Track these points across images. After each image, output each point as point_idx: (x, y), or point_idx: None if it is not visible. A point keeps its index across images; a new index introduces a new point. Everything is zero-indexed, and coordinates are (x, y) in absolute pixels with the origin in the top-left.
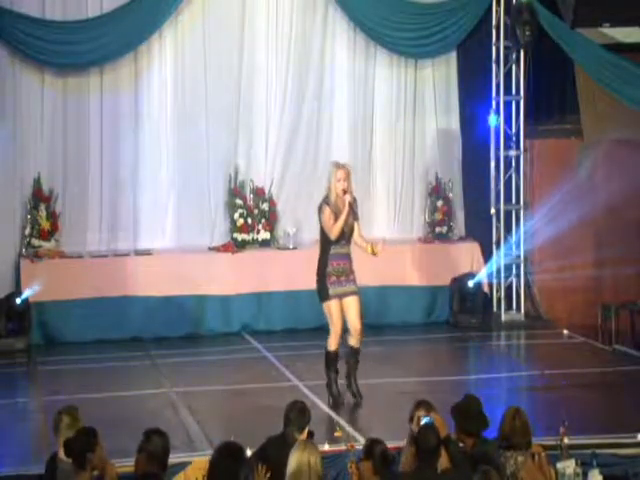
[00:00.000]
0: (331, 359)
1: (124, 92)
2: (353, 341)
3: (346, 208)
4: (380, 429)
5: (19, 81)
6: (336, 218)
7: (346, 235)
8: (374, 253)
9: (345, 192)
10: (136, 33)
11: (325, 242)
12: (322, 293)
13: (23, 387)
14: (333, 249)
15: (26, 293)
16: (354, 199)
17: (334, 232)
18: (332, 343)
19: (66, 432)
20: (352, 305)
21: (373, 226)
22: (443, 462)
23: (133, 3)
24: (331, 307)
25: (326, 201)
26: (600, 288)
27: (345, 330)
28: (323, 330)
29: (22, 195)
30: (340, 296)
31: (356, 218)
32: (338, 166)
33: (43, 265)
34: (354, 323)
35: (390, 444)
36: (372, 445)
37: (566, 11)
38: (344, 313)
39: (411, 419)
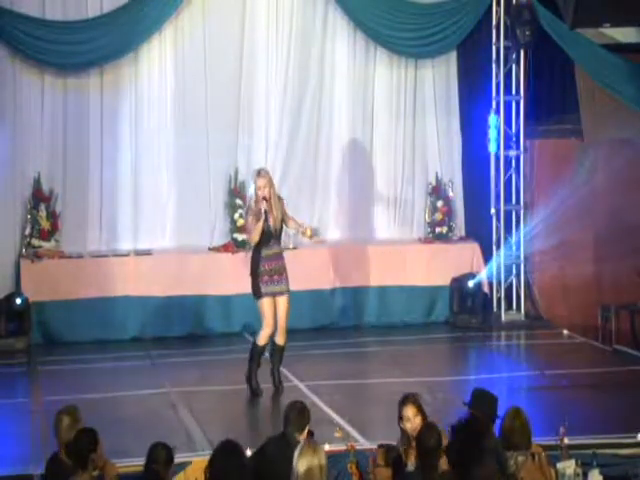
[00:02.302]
0: (257, 353)
1: (124, 92)
2: (278, 338)
3: (262, 217)
4: (380, 429)
5: (19, 81)
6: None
7: (274, 236)
8: (310, 237)
9: (265, 199)
10: (136, 33)
11: (258, 243)
12: (255, 292)
13: (23, 387)
14: (265, 251)
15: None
16: (279, 198)
17: (253, 238)
18: (262, 338)
19: (66, 433)
20: (282, 305)
21: (373, 226)
22: (442, 465)
23: (133, 3)
24: (264, 305)
25: (250, 207)
26: (600, 288)
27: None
28: (323, 330)
29: (22, 195)
30: (273, 294)
31: (284, 220)
32: (259, 174)
33: (43, 265)
34: (281, 321)
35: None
36: (389, 452)
37: (566, 11)
38: (275, 310)
39: (399, 417)
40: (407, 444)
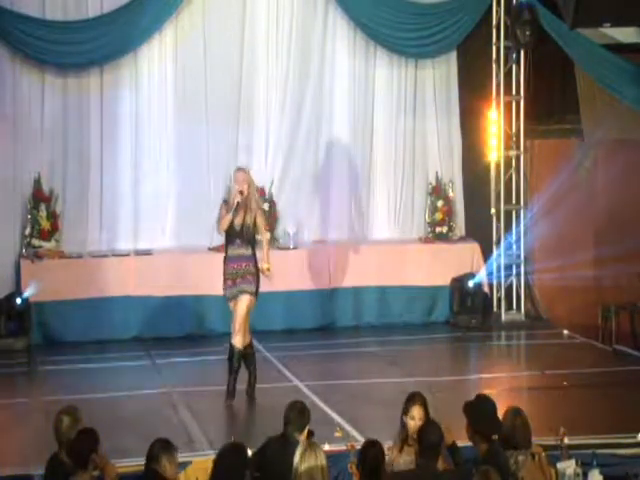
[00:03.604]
0: (233, 354)
1: (124, 92)
2: (234, 339)
3: (232, 208)
4: (380, 429)
5: (19, 81)
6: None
7: (240, 236)
8: (264, 272)
9: (241, 193)
10: (136, 33)
11: (225, 243)
12: (224, 294)
13: (23, 387)
14: (230, 250)
15: (27, 292)
16: (260, 208)
17: (219, 227)
18: (234, 340)
19: (67, 433)
20: (238, 304)
21: (374, 226)
22: (443, 464)
23: (133, 3)
24: (231, 308)
25: (225, 201)
26: (600, 288)
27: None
28: (323, 330)
29: (22, 195)
30: (235, 297)
31: (251, 217)
32: (237, 170)
33: (43, 265)
34: (233, 321)
35: (390, 444)
36: (366, 449)
37: (566, 11)
38: None
39: (405, 412)
40: (405, 440)
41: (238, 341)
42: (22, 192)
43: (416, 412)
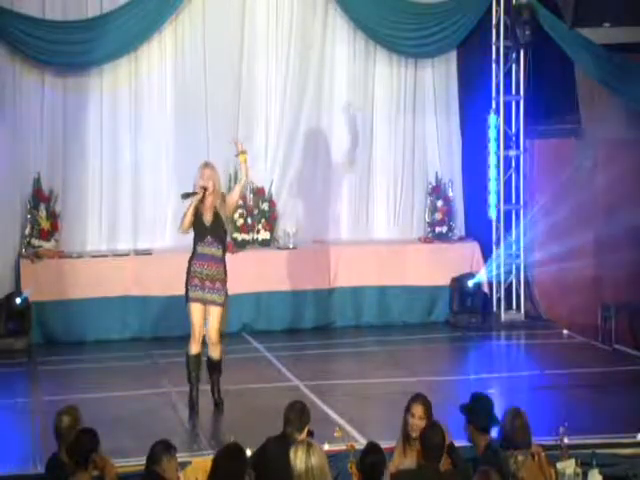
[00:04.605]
0: (189, 363)
1: (124, 92)
2: (210, 351)
3: (192, 204)
4: (380, 429)
5: (19, 81)
6: (196, 213)
7: (208, 230)
8: (243, 156)
9: (204, 188)
10: (136, 33)
11: (193, 239)
12: (185, 294)
13: (23, 387)
14: (199, 247)
15: (26, 292)
16: (223, 199)
17: (181, 223)
18: (190, 347)
19: (66, 433)
20: (211, 315)
21: (373, 226)
22: (444, 464)
23: (133, 3)
24: (190, 311)
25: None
26: (600, 288)
27: None
28: (323, 330)
29: (22, 195)
30: (203, 301)
31: (231, 203)
32: (206, 165)
33: (43, 265)
34: (209, 334)
35: (390, 444)
36: (366, 454)
37: (566, 11)
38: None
39: (407, 410)
40: (406, 439)
41: (218, 353)
42: (22, 192)
43: (416, 410)
